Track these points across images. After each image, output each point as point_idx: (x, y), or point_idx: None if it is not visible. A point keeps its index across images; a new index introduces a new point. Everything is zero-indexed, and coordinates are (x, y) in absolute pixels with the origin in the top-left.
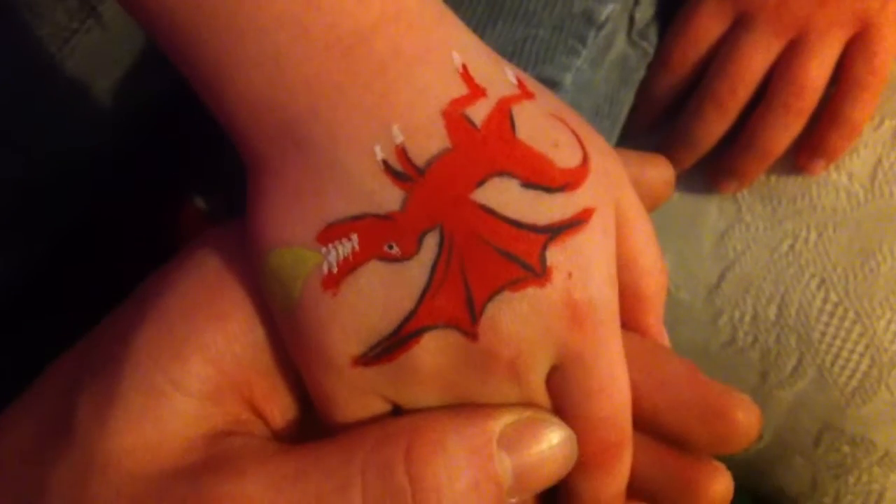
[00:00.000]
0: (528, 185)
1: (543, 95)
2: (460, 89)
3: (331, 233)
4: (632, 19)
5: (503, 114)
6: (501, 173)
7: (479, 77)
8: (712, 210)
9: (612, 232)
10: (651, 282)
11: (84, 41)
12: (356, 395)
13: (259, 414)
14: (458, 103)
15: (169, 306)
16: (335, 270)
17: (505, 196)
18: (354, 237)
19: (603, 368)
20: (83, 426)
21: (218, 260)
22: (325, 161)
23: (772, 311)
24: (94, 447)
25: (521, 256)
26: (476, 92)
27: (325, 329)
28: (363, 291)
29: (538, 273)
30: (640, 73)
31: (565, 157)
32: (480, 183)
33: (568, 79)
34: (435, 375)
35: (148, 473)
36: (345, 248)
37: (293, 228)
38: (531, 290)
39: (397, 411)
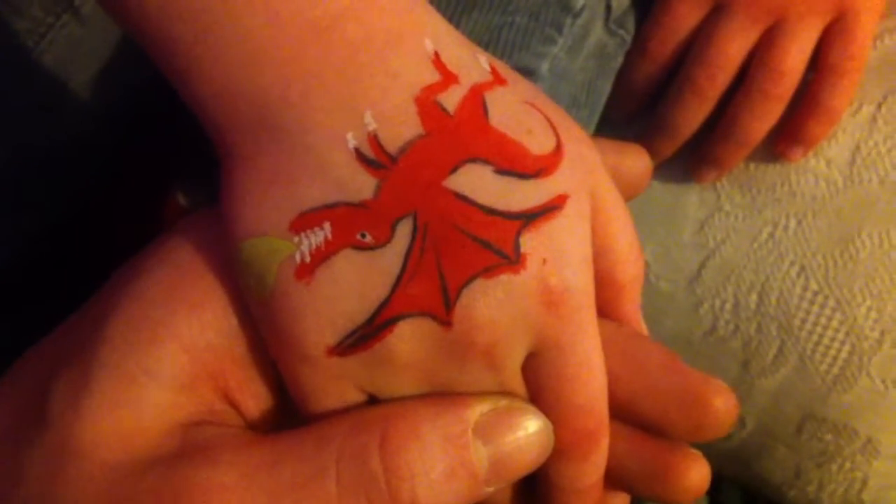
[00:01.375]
0: (501, 171)
1: (517, 82)
2: (433, 76)
3: (303, 221)
4: (609, 7)
5: (476, 100)
6: (475, 160)
7: (451, 63)
8: (692, 199)
9: (587, 218)
10: (627, 269)
11: (61, 35)
12: (331, 384)
13: (233, 404)
14: (431, 90)
15: (143, 294)
16: (308, 259)
17: (478, 183)
18: (327, 226)
19: (579, 355)
20: (58, 413)
21: (192, 248)
22: (298, 149)
23: (752, 300)
24: (68, 434)
25: (495, 243)
26: (449, 78)
27: (299, 319)
28: (337, 280)
29: (512, 260)
30: (618, 62)
31: (539, 144)
32: (454, 170)
33: (545, 67)
34: (410, 364)
35: (121, 462)
36: (318, 236)
37: (266, 217)
38: (505, 277)
39: (373, 401)
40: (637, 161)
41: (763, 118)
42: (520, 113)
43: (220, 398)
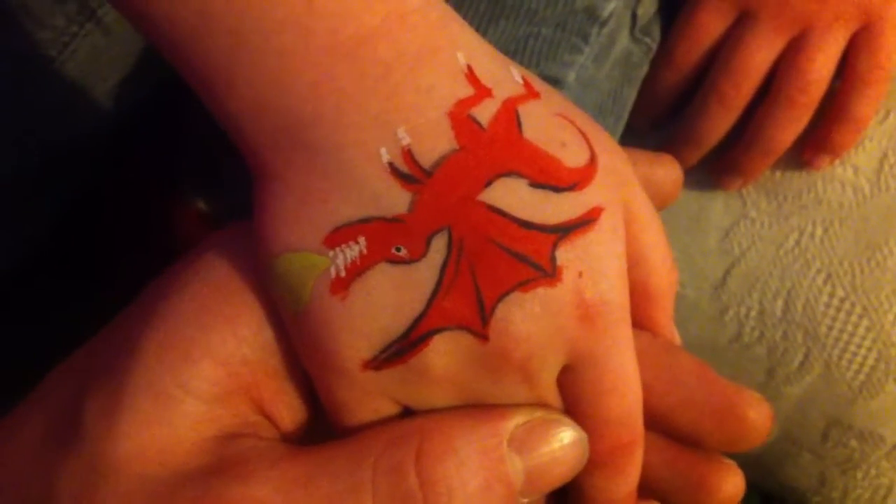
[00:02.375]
0: (536, 184)
1: (550, 95)
2: (466, 90)
3: (338, 236)
4: (634, 16)
5: (509, 114)
6: (509, 173)
7: (484, 77)
8: (717, 206)
9: (622, 230)
10: (661, 279)
11: (85, 44)
12: (366, 398)
13: (268, 416)
14: (464, 104)
15: (177, 309)
16: (343, 274)
17: (513, 196)
18: (362, 240)
19: (615, 368)
20: (91, 429)
21: (226, 262)
22: (331, 165)
23: (778, 307)
24: (102, 450)
25: (531, 256)
26: (482, 92)
27: (335, 333)
28: (372, 295)
29: (548, 273)
30: (644, 70)
31: (573, 157)
32: (488, 183)
33: (571, 76)
34: (446, 377)
35: (157, 476)
36: (352, 251)
37: (300, 233)
38: (542, 291)
39: (407, 412)
40: (669, 171)
41: (789, 127)
42: (553, 126)
43: (254, 410)
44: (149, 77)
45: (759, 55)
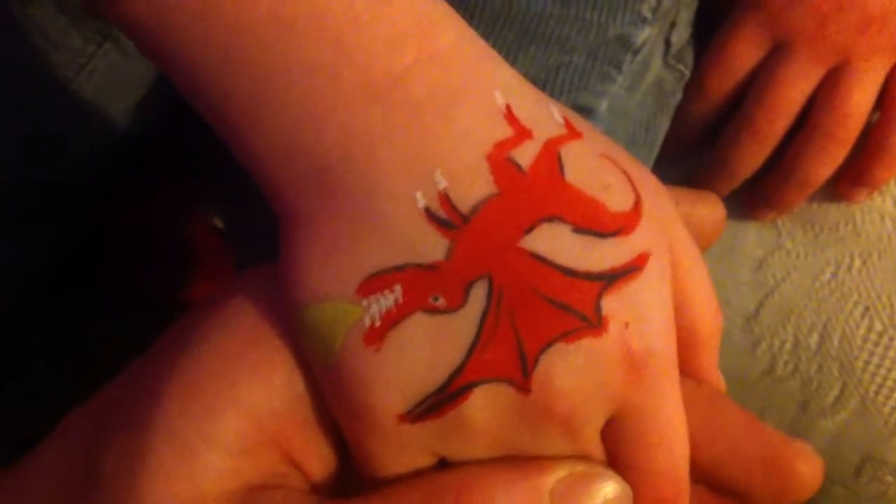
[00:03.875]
0: (579, 230)
1: (592, 135)
2: (504, 131)
3: (372, 285)
4: (668, 42)
5: (551, 156)
6: (551, 218)
7: (523, 117)
8: (750, 236)
9: (669, 277)
10: (706, 324)
11: (102, 64)
12: (401, 450)
13: (297, 465)
14: (503, 146)
15: (202, 357)
16: (378, 324)
17: (556, 243)
18: (397, 289)
19: (662, 421)
20: (111, 482)
21: (252, 308)
22: (363, 210)
23: (813, 340)
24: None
25: (575, 306)
26: (521, 133)
27: (368, 386)
28: (408, 346)
29: (594, 323)
30: (677, 98)
31: (617, 200)
32: (529, 229)
33: (603, 106)
34: (485, 431)
35: None
36: (387, 300)
37: (331, 282)
38: (587, 342)
39: (443, 462)
40: (711, 210)
41: (827, 161)
42: (596, 168)
43: (282, 461)
44: (166, 95)
45: (795, 88)
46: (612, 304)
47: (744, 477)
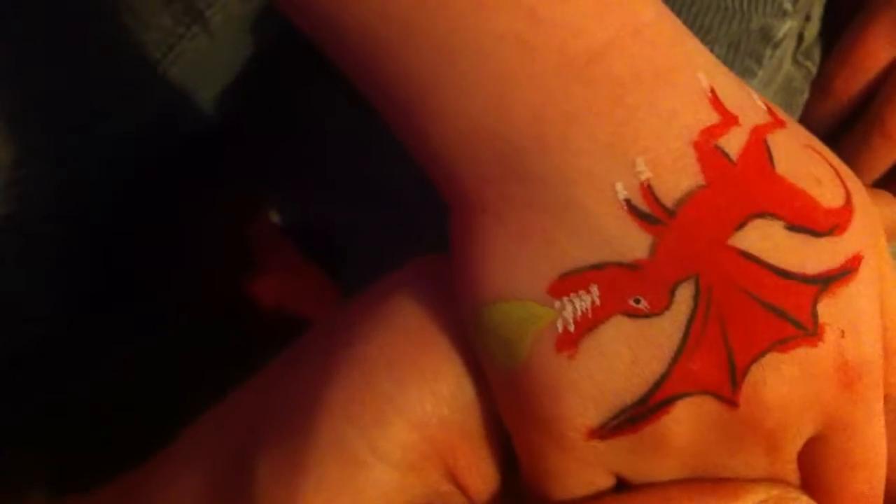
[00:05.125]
0: (793, 227)
1: (793, 124)
2: (711, 116)
3: (566, 284)
4: (801, 37)
5: (759, 145)
6: (763, 214)
7: (728, 102)
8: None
9: (878, 281)
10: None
11: (190, 48)
12: (582, 468)
13: (460, 485)
14: (710, 133)
15: (367, 359)
16: (572, 328)
17: (769, 241)
18: (594, 289)
19: (869, 439)
20: (269, 493)
21: (417, 306)
22: (556, 200)
23: None
24: None
25: (791, 311)
26: (729, 120)
27: (559, 397)
28: (605, 353)
29: (810, 331)
30: (805, 96)
31: (829, 196)
32: (740, 226)
33: None
34: (681, 448)
35: None
36: (583, 301)
37: (520, 279)
38: (802, 351)
39: (621, 484)
40: (892, 209)
41: None
42: (805, 160)
43: (446, 479)
44: (249, 85)
45: None
46: (828, 309)
47: None
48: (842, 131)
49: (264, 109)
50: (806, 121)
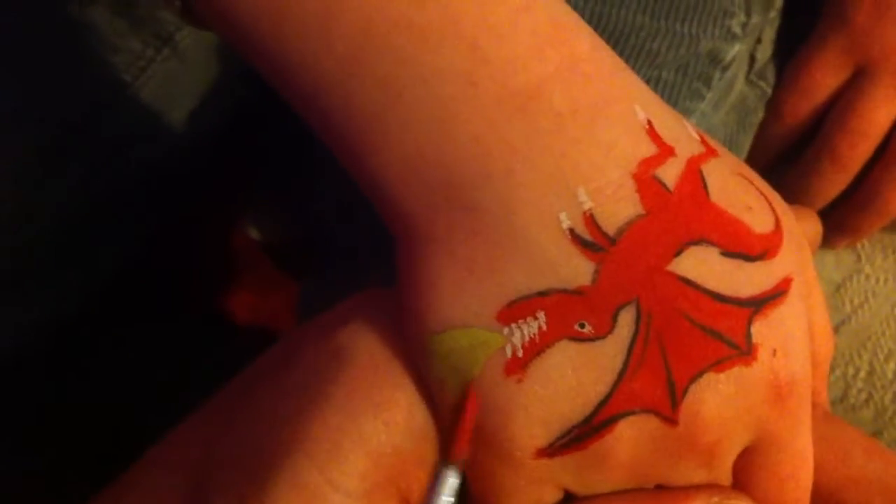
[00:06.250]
0: (727, 253)
1: (724, 152)
2: (649, 148)
3: (514, 311)
4: (752, 59)
5: (694, 174)
6: (699, 241)
7: (664, 133)
8: (828, 260)
9: (805, 300)
10: (823, 348)
11: (161, 70)
12: (531, 485)
13: None
14: (648, 164)
15: (322, 393)
16: (520, 354)
17: (705, 266)
18: (541, 315)
19: (797, 451)
20: None
21: (369, 338)
22: (502, 230)
23: (890, 369)
24: None
25: (726, 333)
26: (665, 150)
27: (508, 419)
28: (552, 376)
29: (744, 351)
30: (759, 115)
31: (759, 221)
32: (678, 252)
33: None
34: (624, 463)
35: None
36: (531, 327)
37: (469, 307)
38: (737, 370)
39: (568, 497)
40: (812, 225)
41: None
42: (737, 187)
43: (399, 502)
44: (222, 104)
45: (880, 114)
46: (761, 330)
47: (865, 501)
48: (794, 153)
49: (241, 128)
50: (761, 141)
